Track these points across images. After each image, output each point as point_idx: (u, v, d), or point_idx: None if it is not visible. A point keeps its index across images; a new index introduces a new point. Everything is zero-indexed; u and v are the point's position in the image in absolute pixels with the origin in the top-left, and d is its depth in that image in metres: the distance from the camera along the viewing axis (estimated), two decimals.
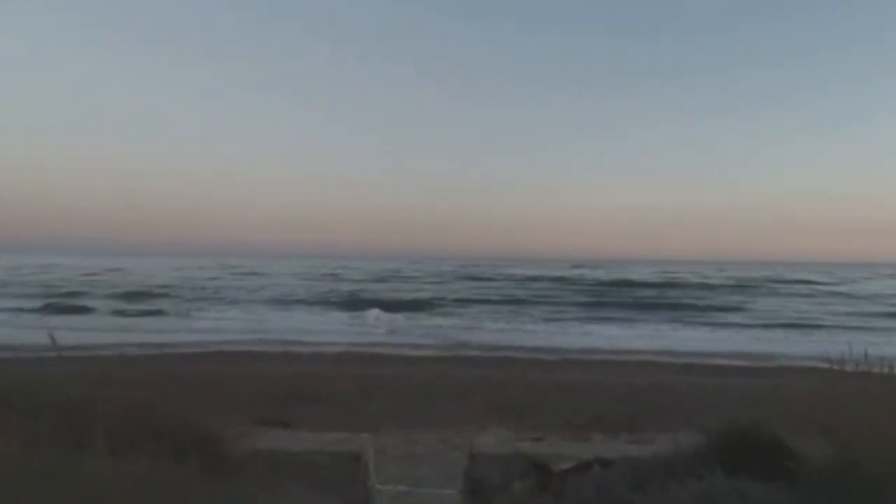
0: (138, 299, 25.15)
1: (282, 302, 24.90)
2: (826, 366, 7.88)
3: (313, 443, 2.68)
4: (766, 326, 17.52)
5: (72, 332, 14.23)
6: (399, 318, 19.06)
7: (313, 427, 5.41)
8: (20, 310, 19.66)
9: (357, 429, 5.43)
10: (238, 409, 6.06)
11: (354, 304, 24.00)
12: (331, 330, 15.97)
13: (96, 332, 14.81)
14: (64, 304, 22.19)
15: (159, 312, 20.19)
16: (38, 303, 21.88)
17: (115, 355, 10.60)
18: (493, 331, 16.03)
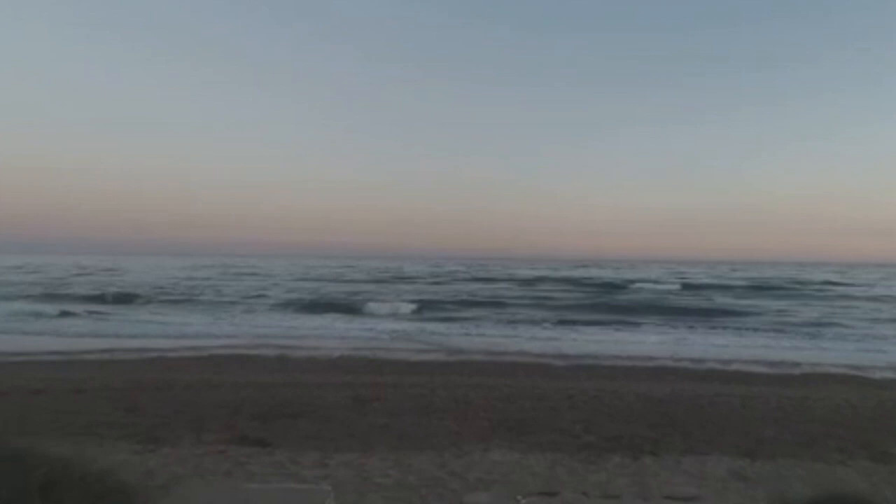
0: (128, 300, 24.79)
1: (282, 303, 24.43)
2: (855, 373, 7.10)
3: (257, 499, 2.12)
4: (784, 330, 16.76)
5: (52, 334, 13.84)
6: (401, 320, 18.50)
7: (295, 446, 4.85)
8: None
9: (345, 448, 4.87)
10: (218, 424, 5.53)
11: (356, 305, 23.47)
12: (330, 333, 15.43)
13: (80, 333, 14.37)
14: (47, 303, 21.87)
15: (151, 313, 19.77)
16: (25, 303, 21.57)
17: (101, 360, 10.13)
18: (498, 334, 15.41)
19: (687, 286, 38.52)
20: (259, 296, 27.95)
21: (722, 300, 28.13)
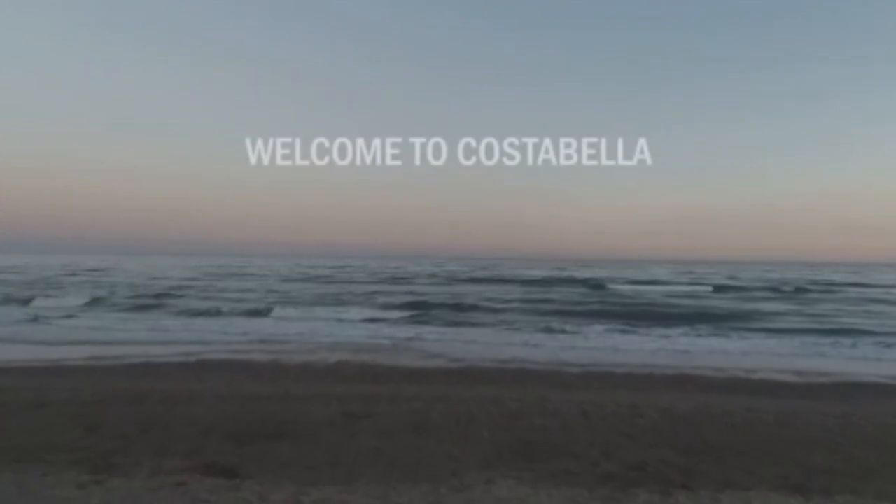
0: (114, 300, 24.21)
1: (284, 304, 23.84)
2: (894, 383, 6.13)
3: None
4: (807, 334, 15.87)
5: (24, 340, 13.25)
6: (403, 324, 17.82)
7: (268, 477, 4.20)
8: None
9: (325, 480, 4.20)
10: (186, 446, 4.88)
11: (361, 306, 22.85)
12: (328, 338, 14.79)
13: (56, 337, 13.79)
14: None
15: (137, 315, 19.16)
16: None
17: (78, 367, 9.54)
18: (507, 339, 14.69)
19: (703, 286, 37.59)
20: (261, 296, 27.42)
21: (738, 303, 27.22)
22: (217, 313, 19.76)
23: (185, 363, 10.46)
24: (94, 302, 23.41)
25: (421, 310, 21.66)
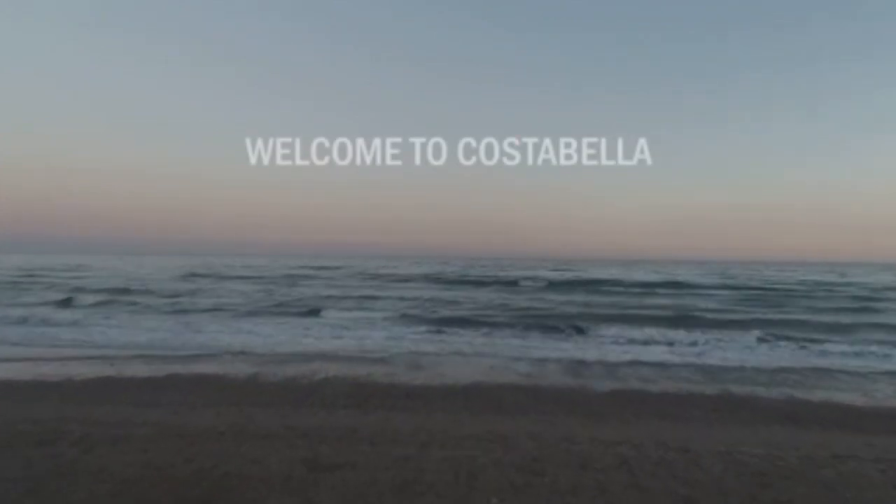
0: (88, 300, 22.94)
1: (281, 306, 22.61)
2: None
3: None
4: (858, 344, 14.18)
5: None
6: (403, 331, 16.43)
7: None
8: None
9: None
10: None
11: (360, 310, 21.52)
12: (319, 349, 13.44)
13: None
14: None
15: (107, 318, 17.87)
16: None
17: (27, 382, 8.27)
18: (517, 349, 13.21)
19: (732, 288, 35.72)
20: (255, 298, 26.21)
21: (769, 305, 25.43)
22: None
23: (151, 378, 9.15)
24: None
25: (422, 313, 20.26)
